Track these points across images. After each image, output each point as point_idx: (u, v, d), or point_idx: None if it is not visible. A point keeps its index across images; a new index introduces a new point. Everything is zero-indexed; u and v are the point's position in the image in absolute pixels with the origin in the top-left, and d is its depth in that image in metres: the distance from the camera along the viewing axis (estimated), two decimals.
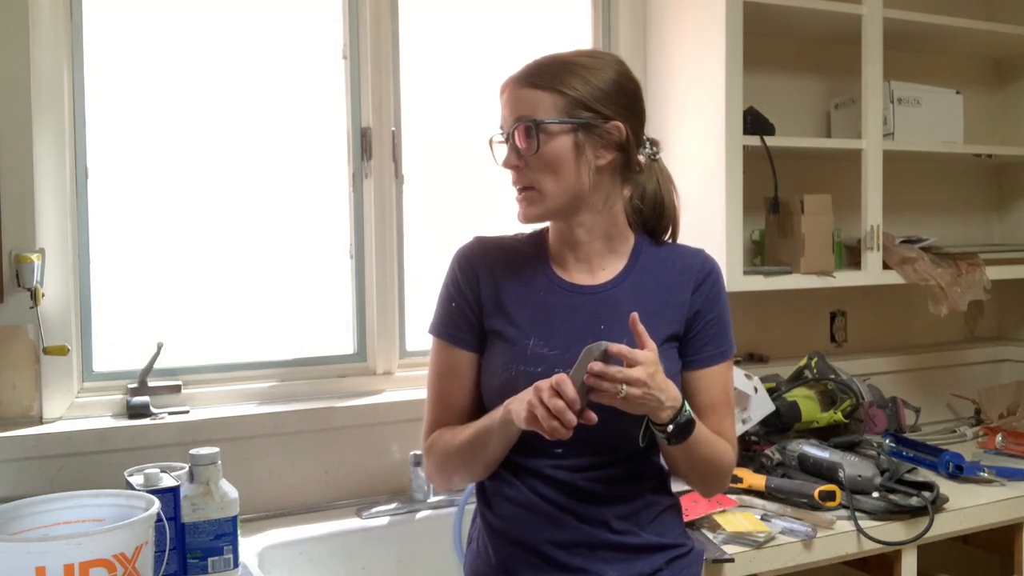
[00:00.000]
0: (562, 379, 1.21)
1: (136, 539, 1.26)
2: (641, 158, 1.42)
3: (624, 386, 1.21)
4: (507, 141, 1.36)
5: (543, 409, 1.19)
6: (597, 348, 1.23)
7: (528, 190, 1.36)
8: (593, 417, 1.23)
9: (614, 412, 1.26)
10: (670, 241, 1.50)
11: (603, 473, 1.37)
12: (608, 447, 1.37)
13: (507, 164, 1.37)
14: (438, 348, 1.44)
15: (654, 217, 1.46)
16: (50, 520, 1.39)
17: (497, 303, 1.40)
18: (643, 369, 1.22)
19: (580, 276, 1.42)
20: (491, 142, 1.40)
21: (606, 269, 1.42)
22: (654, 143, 1.44)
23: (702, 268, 1.44)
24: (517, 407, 1.25)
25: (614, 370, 1.21)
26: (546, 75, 1.34)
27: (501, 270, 1.42)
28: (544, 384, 1.22)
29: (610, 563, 1.36)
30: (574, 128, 1.33)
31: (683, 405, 1.29)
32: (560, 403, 1.19)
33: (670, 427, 1.28)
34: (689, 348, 1.42)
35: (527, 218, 1.38)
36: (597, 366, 1.21)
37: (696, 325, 1.41)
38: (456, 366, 1.42)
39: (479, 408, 1.42)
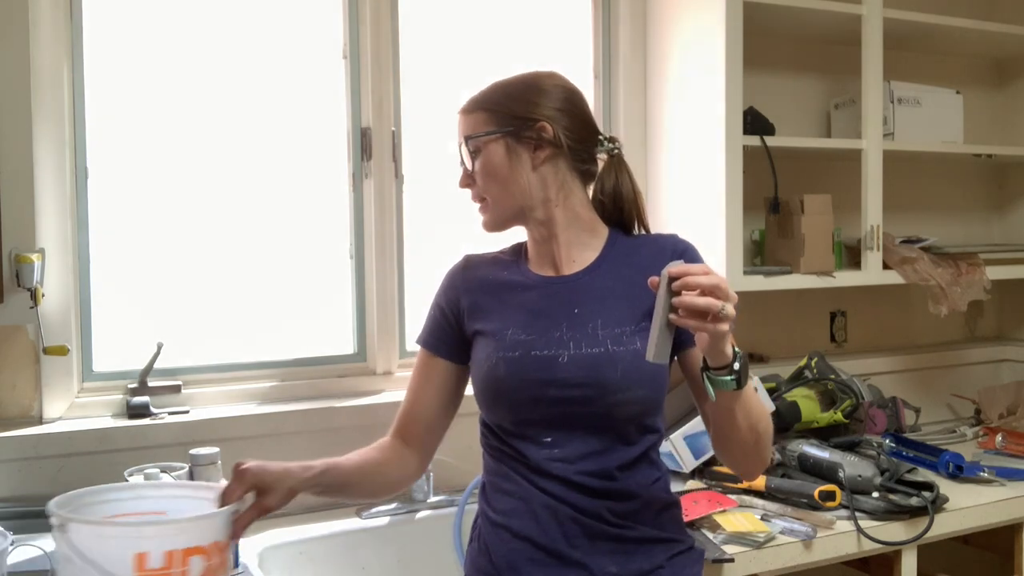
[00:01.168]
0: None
1: (229, 527, 1.23)
2: (603, 156, 1.50)
3: (725, 304, 1.17)
4: (462, 164, 1.48)
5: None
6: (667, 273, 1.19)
7: (482, 202, 1.47)
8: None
9: (592, 387, 1.33)
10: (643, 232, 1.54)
11: (596, 466, 1.37)
12: (595, 431, 1.37)
13: (461, 185, 1.49)
14: (418, 355, 1.53)
15: (616, 210, 1.52)
16: (112, 511, 1.35)
17: (477, 307, 1.47)
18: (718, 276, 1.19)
19: (552, 270, 1.47)
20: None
21: (576, 260, 1.46)
22: (612, 140, 1.52)
23: (675, 247, 1.47)
24: None
25: (703, 279, 1.17)
26: (476, 100, 1.48)
27: (482, 278, 1.50)
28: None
29: (610, 555, 1.37)
30: (502, 135, 1.43)
31: None
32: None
33: (736, 364, 1.24)
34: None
35: (486, 226, 1.48)
36: (690, 279, 1.16)
37: None
38: (430, 371, 1.50)
39: (445, 420, 1.51)
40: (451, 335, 1.49)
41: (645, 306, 1.38)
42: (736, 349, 1.26)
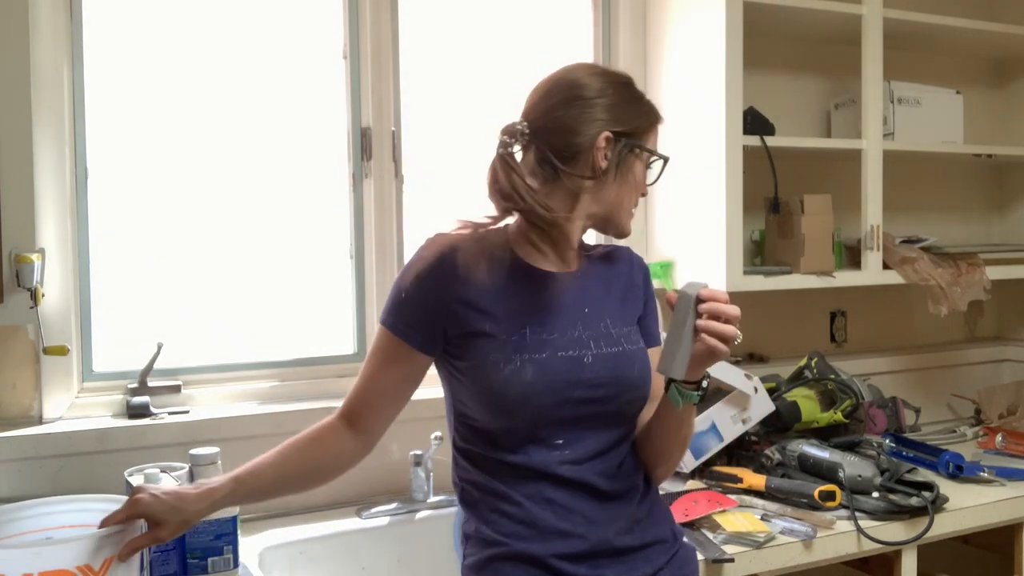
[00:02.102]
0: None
1: (106, 551, 1.21)
2: None
3: (739, 333, 1.28)
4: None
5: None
6: (693, 288, 1.28)
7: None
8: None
9: (610, 386, 1.35)
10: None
11: (604, 465, 1.37)
12: (606, 429, 1.37)
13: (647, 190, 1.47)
14: (381, 336, 1.40)
15: None
16: (51, 523, 1.37)
17: (477, 303, 1.35)
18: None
19: (552, 266, 1.43)
20: (651, 158, 1.45)
21: (566, 261, 1.44)
22: None
23: (640, 263, 1.55)
24: None
25: (730, 308, 1.27)
26: None
27: (476, 269, 1.36)
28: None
29: (614, 567, 1.36)
30: None
31: None
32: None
33: (704, 382, 1.33)
34: (642, 328, 1.50)
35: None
36: (720, 307, 1.27)
37: (647, 307, 1.51)
38: (394, 357, 1.38)
39: (398, 407, 1.43)
40: (428, 325, 1.36)
41: (635, 310, 1.48)
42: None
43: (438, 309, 1.35)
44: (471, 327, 1.35)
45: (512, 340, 1.34)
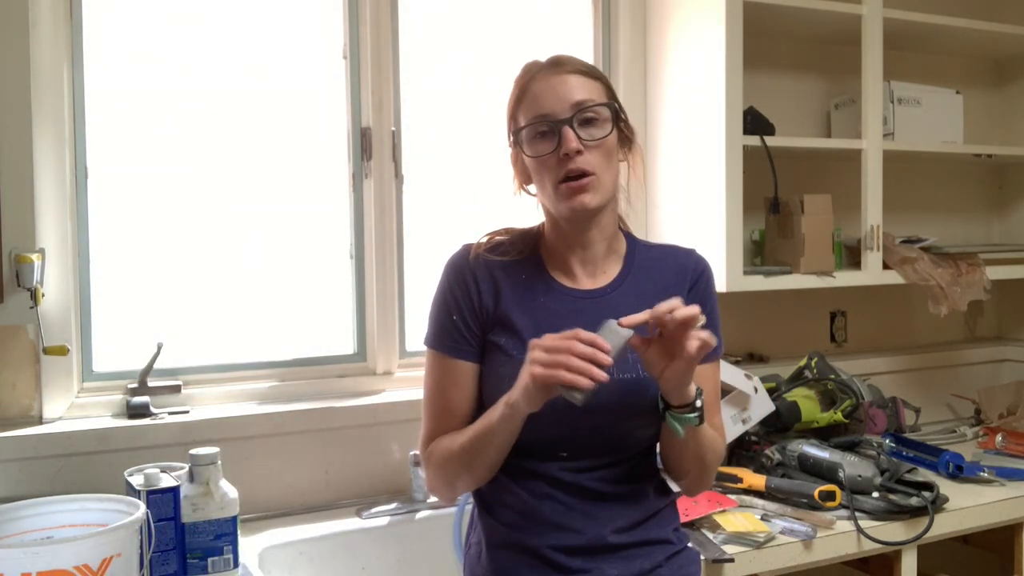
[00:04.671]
0: (579, 332, 1.19)
1: (105, 550, 1.22)
2: None
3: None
4: (568, 124, 1.31)
5: (575, 359, 1.16)
6: (618, 332, 1.20)
7: (590, 176, 1.31)
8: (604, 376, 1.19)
9: (621, 413, 1.28)
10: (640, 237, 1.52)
11: (608, 473, 1.37)
12: (612, 449, 1.37)
13: (573, 150, 1.30)
14: (436, 360, 1.40)
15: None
16: (51, 523, 1.38)
17: (498, 314, 1.38)
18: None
19: (581, 280, 1.41)
20: (533, 129, 1.34)
21: (607, 272, 1.42)
22: None
23: (696, 268, 1.46)
24: (520, 394, 1.24)
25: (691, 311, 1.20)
26: (589, 66, 1.38)
27: (498, 278, 1.39)
28: (552, 341, 1.19)
29: (610, 561, 1.36)
30: (618, 122, 1.37)
31: None
32: (590, 349, 1.17)
33: (698, 401, 1.27)
34: None
35: (590, 205, 1.32)
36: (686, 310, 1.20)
37: None
38: (457, 377, 1.39)
39: (480, 415, 1.40)
40: (471, 335, 1.38)
41: None
42: (696, 386, 1.27)
43: (475, 317, 1.38)
44: (494, 337, 1.37)
45: (520, 359, 1.32)
